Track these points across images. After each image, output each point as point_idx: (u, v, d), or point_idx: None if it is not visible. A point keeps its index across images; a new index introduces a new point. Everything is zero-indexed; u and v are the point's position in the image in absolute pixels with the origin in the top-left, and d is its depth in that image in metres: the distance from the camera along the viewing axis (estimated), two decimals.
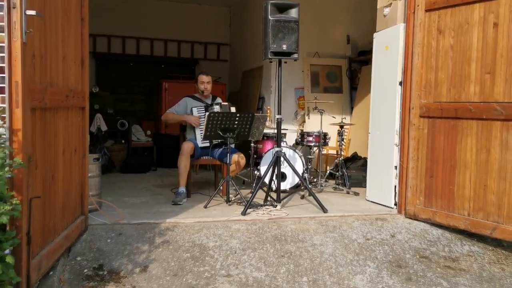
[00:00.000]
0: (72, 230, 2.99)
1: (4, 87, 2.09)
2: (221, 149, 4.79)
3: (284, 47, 4.12)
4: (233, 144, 4.81)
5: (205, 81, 5.00)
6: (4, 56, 2.08)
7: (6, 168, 1.94)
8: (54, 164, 2.63)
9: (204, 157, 4.89)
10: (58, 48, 2.68)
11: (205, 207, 4.26)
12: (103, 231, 3.36)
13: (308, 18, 6.57)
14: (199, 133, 4.81)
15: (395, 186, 4.35)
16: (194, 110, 4.97)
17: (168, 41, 9.64)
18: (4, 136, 1.98)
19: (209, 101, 5.10)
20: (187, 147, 4.57)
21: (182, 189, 4.53)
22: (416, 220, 4.06)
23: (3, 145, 1.97)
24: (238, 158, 4.65)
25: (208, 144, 4.77)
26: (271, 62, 4.43)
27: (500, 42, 3.46)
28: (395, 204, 4.36)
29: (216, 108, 4.88)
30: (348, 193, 5.25)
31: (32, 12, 2.11)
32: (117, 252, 3.07)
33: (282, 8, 4.16)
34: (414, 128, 4.09)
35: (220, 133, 4.35)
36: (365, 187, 4.91)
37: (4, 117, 2.04)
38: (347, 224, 3.88)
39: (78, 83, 3.12)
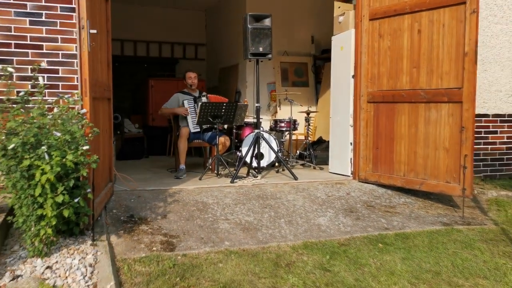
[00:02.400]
0: (106, 192, 3.96)
1: (77, 84, 3.06)
2: (210, 133, 5.82)
3: (261, 49, 5.19)
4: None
5: (192, 77, 6.02)
6: (76, 61, 3.03)
7: (84, 140, 2.90)
8: (99, 138, 3.60)
9: (196, 141, 5.90)
10: (98, 54, 3.65)
11: (200, 179, 5.28)
12: (125, 195, 4.35)
13: (278, 21, 7.64)
14: (191, 121, 5.82)
15: (351, 158, 5.49)
16: (185, 102, 5.97)
17: (150, 43, 10.55)
18: (84, 116, 2.95)
19: (196, 94, 6.12)
20: (185, 132, 5.58)
21: (183, 166, 5.53)
22: (367, 183, 5.22)
23: (81, 122, 2.94)
24: (224, 140, 5.69)
25: (198, 130, 5.79)
26: (250, 61, 5.48)
27: (422, 44, 4.63)
28: (352, 173, 5.49)
29: (204, 99, 5.91)
30: (314, 168, 6.37)
31: (94, 31, 3.10)
32: (141, 207, 4.07)
33: (258, 18, 5.23)
34: (364, 112, 5.23)
35: (210, 119, 5.38)
36: (329, 164, 6.03)
37: (81, 103, 3.01)
38: (313, 187, 4.99)
39: (106, 80, 4.09)
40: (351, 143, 5.48)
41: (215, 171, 5.56)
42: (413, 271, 3.24)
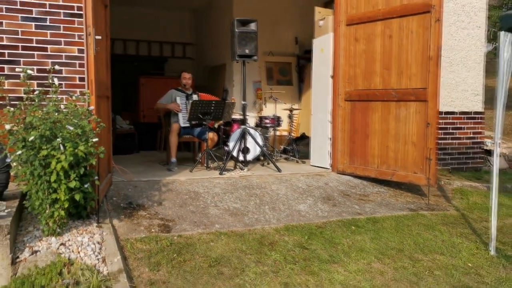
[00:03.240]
0: (107, 181, 4.36)
1: (78, 83, 3.45)
2: (199, 128, 6.23)
3: (247, 51, 5.62)
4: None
5: (187, 77, 6.42)
6: (78, 62, 3.42)
7: (93, 133, 3.30)
8: (101, 132, 3.99)
9: (186, 136, 6.31)
10: (100, 56, 4.04)
11: (191, 171, 5.69)
12: (123, 185, 4.75)
13: (264, 23, 8.06)
14: (182, 117, 6.22)
15: (330, 152, 5.95)
16: (178, 98, 6.37)
17: (139, 42, 10.89)
18: (92, 113, 3.35)
19: (189, 92, 6.52)
20: (175, 127, 5.99)
21: (174, 159, 5.93)
22: (344, 174, 5.69)
23: (89, 118, 3.34)
24: (213, 135, 6.11)
25: (188, 125, 6.19)
26: (237, 62, 5.90)
27: (393, 48, 5.11)
28: (330, 165, 5.96)
29: (195, 97, 6.32)
30: (297, 162, 6.83)
31: (99, 37, 3.49)
32: (138, 196, 4.47)
33: (245, 22, 5.65)
34: (341, 109, 5.70)
35: (200, 116, 5.79)
36: (310, 158, 6.49)
37: (88, 101, 3.41)
38: (295, 178, 5.45)
39: (106, 80, 4.48)
40: (330, 138, 5.94)
41: (205, 164, 5.98)
42: (380, 249, 3.71)
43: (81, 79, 4.37)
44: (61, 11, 4.32)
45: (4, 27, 4.15)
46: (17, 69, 4.08)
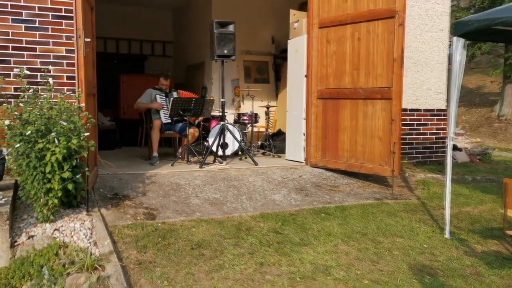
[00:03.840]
0: (94, 173, 4.63)
1: (72, 82, 3.73)
2: (180, 125, 6.53)
3: (225, 51, 5.95)
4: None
5: (164, 84, 6.69)
6: (65, 62, 3.69)
7: (84, 128, 3.58)
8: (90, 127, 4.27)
9: (168, 132, 6.60)
10: (88, 57, 4.31)
11: (172, 165, 5.99)
12: (108, 177, 5.02)
13: (242, 22, 8.37)
14: (163, 114, 6.51)
15: (304, 147, 6.34)
16: (158, 97, 6.65)
17: (119, 40, 11.08)
18: (82, 109, 3.63)
19: (167, 90, 6.80)
20: (157, 124, 6.28)
21: (156, 154, 6.22)
22: (316, 167, 6.08)
23: (80, 114, 3.62)
24: (193, 131, 6.43)
25: (169, 121, 6.49)
26: (216, 61, 6.22)
27: (361, 50, 5.51)
28: (304, 159, 6.35)
29: (175, 94, 6.62)
30: (273, 156, 7.20)
31: (88, 39, 3.77)
32: (123, 187, 4.76)
33: (223, 24, 5.98)
34: (314, 106, 6.09)
35: (181, 112, 6.10)
36: (285, 152, 6.86)
37: (78, 99, 3.69)
38: (271, 171, 5.81)
39: (92, 78, 4.74)
40: (304, 134, 6.32)
41: (185, 159, 6.29)
42: (346, 233, 4.11)
43: (68, 78, 4.64)
44: (49, 13, 4.58)
45: None
46: (15, 70, 4.31)
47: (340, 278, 3.25)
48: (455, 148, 7.43)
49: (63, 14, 4.59)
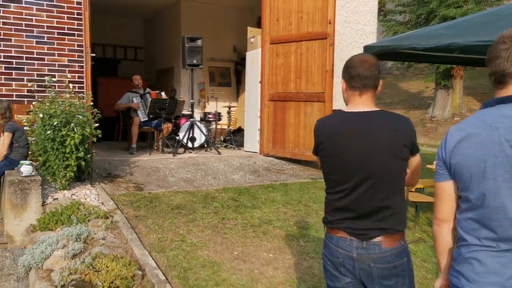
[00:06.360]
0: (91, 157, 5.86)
1: (83, 85, 4.99)
2: (156, 121, 7.82)
3: (195, 61, 7.29)
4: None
5: (137, 78, 7.99)
6: (68, 69, 4.94)
7: (93, 121, 4.84)
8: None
9: (145, 127, 7.87)
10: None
11: (149, 154, 7.27)
12: (100, 162, 6.26)
13: (208, 33, 9.72)
14: (140, 113, 7.78)
15: (258, 140, 7.75)
16: (134, 99, 7.91)
17: (95, 45, 12.14)
18: (89, 106, 4.89)
19: (142, 91, 8.07)
20: (137, 120, 7.56)
21: (135, 145, 7.49)
22: (268, 156, 7.52)
23: (90, 110, 4.87)
24: (167, 126, 7.73)
25: (147, 119, 7.77)
26: (187, 70, 7.55)
27: (303, 63, 6.99)
28: (259, 150, 7.76)
29: (148, 96, 7.91)
30: (234, 148, 8.58)
31: (93, 54, 5.03)
32: (114, 169, 6.02)
33: (193, 39, 7.33)
34: (266, 107, 7.52)
35: (157, 111, 7.39)
36: (244, 145, 8.26)
37: (86, 98, 4.95)
38: (231, 159, 7.20)
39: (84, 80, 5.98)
40: (258, 129, 7.74)
41: (160, 150, 7.58)
42: (286, 200, 5.54)
43: (70, 82, 5.86)
44: (55, 30, 5.79)
45: (12, 42, 5.56)
46: (46, 78, 5.49)
47: (277, 226, 4.67)
48: None
49: (66, 31, 5.81)
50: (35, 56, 5.70)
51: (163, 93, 7.96)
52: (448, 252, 1.68)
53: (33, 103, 4.90)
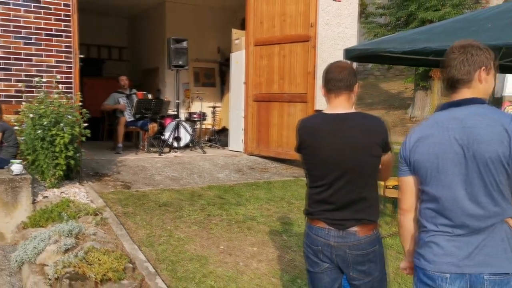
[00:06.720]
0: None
1: (71, 86, 5.11)
2: (141, 121, 7.94)
3: (180, 62, 7.44)
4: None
5: (123, 79, 8.11)
6: (55, 70, 5.05)
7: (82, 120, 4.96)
8: None
9: (131, 127, 7.99)
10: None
11: (136, 154, 7.40)
12: (88, 161, 6.37)
13: (192, 34, 9.85)
14: (126, 113, 7.89)
15: (243, 139, 7.94)
16: (120, 100, 8.02)
17: (80, 45, 12.15)
18: (78, 106, 5.00)
19: (128, 92, 8.19)
20: (123, 120, 7.67)
21: (121, 145, 7.60)
22: (252, 155, 7.71)
23: (79, 110, 4.98)
24: (153, 126, 7.86)
25: (133, 119, 7.88)
26: (172, 70, 7.69)
27: (286, 64, 7.20)
28: (243, 149, 7.95)
29: (134, 96, 8.03)
30: (218, 148, 8.75)
31: (82, 56, 5.15)
32: (101, 168, 6.14)
33: (178, 40, 7.47)
34: (250, 107, 7.71)
35: (143, 111, 7.51)
36: (229, 144, 8.43)
37: (74, 99, 5.06)
38: (216, 158, 7.37)
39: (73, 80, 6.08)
40: (243, 129, 7.92)
41: (145, 149, 7.70)
42: (270, 197, 5.74)
43: (57, 82, 5.95)
44: (43, 32, 5.87)
45: (0, 43, 5.63)
46: (36, 79, 5.57)
47: (261, 222, 4.87)
48: None
49: (53, 33, 5.90)
50: (22, 57, 5.77)
51: (149, 95, 8.08)
52: (411, 238, 1.90)
53: (23, 103, 5.00)
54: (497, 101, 12.24)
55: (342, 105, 2.18)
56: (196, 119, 8.95)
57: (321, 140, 2.16)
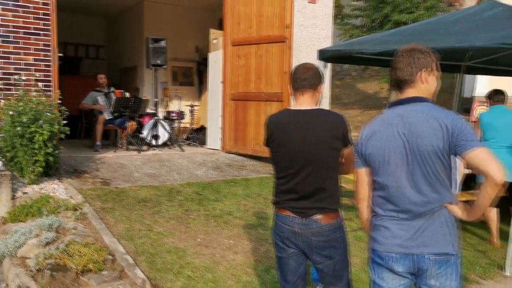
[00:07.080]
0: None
1: (51, 84, 5.18)
2: (119, 119, 8.01)
3: (159, 62, 7.55)
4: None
5: (102, 77, 8.17)
6: (33, 68, 5.12)
7: (61, 118, 5.03)
8: None
9: (109, 125, 8.05)
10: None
11: (115, 151, 7.47)
12: (66, 159, 6.42)
13: (170, 33, 9.95)
14: (105, 113, 7.95)
15: (220, 137, 8.09)
16: (99, 98, 8.08)
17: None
18: (57, 103, 5.07)
19: (106, 90, 8.25)
20: (102, 119, 7.73)
21: (99, 142, 7.66)
22: (230, 153, 7.87)
23: (58, 108, 5.06)
24: (132, 124, 7.93)
25: (111, 117, 7.95)
26: (151, 69, 7.79)
27: (263, 64, 7.38)
28: (221, 147, 8.10)
29: (113, 95, 8.10)
30: (197, 146, 8.88)
31: (61, 54, 5.22)
32: (80, 165, 6.21)
33: (157, 40, 7.58)
34: (228, 106, 7.86)
35: (122, 109, 7.59)
36: (207, 143, 8.57)
37: (53, 97, 5.13)
38: (195, 155, 7.50)
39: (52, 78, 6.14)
40: (220, 128, 8.08)
41: (124, 147, 7.78)
42: (247, 194, 5.91)
43: (36, 80, 5.99)
44: (21, 30, 5.90)
45: None
46: (15, 77, 5.60)
47: (238, 216, 5.04)
48: None
49: (32, 31, 5.94)
50: (0, 55, 5.80)
51: (127, 94, 8.16)
52: (366, 222, 2.11)
53: (1, 101, 5.05)
54: (467, 101, 12.68)
55: (306, 102, 2.37)
56: (174, 118, 9.05)
57: (287, 133, 2.35)
